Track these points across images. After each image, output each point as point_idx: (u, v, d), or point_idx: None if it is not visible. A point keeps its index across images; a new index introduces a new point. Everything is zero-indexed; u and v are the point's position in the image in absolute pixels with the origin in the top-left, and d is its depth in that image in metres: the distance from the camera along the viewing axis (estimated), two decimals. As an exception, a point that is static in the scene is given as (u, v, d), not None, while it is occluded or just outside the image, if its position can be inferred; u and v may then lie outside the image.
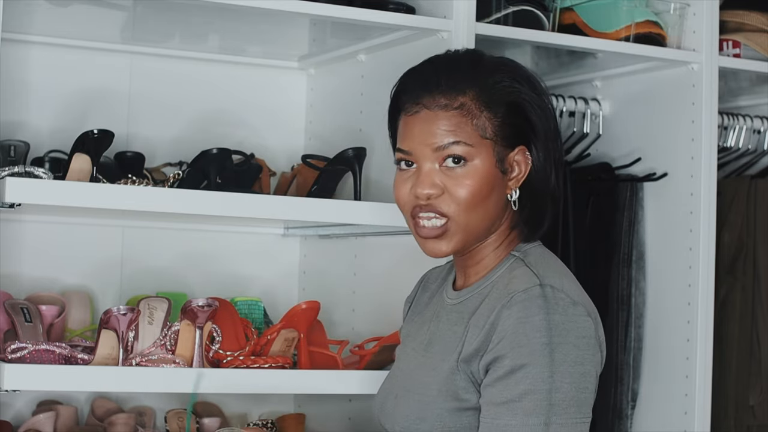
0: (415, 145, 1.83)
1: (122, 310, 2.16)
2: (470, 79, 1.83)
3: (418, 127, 1.83)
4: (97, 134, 2.22)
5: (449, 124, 1.81)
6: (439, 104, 1.82)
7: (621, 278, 2.83)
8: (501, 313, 1.75)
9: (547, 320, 1.72)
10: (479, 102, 1.81)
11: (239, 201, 2.26)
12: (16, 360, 2.12)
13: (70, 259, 2.71)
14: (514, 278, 1.79)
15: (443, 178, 1.81)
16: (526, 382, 1.70)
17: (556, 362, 1.70)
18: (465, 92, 1.82)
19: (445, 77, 1.84)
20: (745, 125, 3.00)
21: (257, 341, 2.33)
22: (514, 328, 1.72)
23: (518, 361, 1.71)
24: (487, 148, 1.81)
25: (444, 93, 1.82)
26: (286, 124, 2.95)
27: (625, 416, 2.81)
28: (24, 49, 2.67)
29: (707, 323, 2.68)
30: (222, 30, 2.77)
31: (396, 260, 2.56)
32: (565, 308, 1.74)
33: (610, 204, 2.86)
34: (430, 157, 1.82)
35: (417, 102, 1.84)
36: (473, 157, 1.80)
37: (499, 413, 1.72)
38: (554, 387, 1.70)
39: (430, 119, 1.82)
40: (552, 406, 1.70)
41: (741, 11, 2.91)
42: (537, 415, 1.69)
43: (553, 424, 1.70)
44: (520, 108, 1.83)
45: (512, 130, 1.82)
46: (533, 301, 1.73)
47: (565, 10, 2.74)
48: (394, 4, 2.44)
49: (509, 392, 1.71)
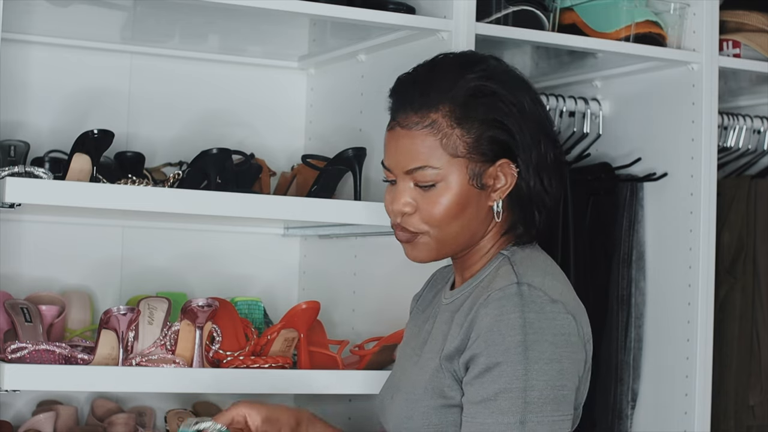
0: (392, 163, 1.85)
1: (122, 310, 2.16)
2: (444, 93, 1.80)
3: (393, 145, 1.85)
4: (97, 134, 2.22)
5: (420, 144, 1.80)
6: (410, 122, 1.82)
7: (621, 278, 2.83)
8: (479, 311, 1.75)
9: (523, 318, 1.71)
10: (451, 118, 1.79)
11: (239, 201, 2.26)
12: (16, 360, 2.12)
13: (70, 259, 2.71)
14: (497, 277, 1.80)
15: (416, 196, 1.83)
16: (501, 380, 1.70)
17: (530, 360, 1.70)
18: (437, 108, 1.80)
19: (420, 93, 1.83)
20: (745, 125, 3.00)
21: (257, 341, 2.33)
22: (489, 327, 1.73)
23: (493, 359, 1.71)
24: (458, 166, 1.80)
25: (416, 110, 1.81)
26: (286, 124, 2.95)
27: (625, 416, 2.81)
28: (24, 49, 2.67)
29: (707, 323, 2.68)
30: (222, 30, 2.77)
31: (396, 260, 2.55)
32: (541, 306, 1.73)
33: (610, 204, 2.86)
34: (403, 177, 1.84)
35: (394, 118, 1.86)
36: (443, 177, 1.80)
37: (476, 412, 1.72)
38: (529, 385, 1.70)
39: (402, 138, 1.83)
40: (527, 404, 1.69)
41: (741, 11, 2.91)
42: (512, 414, 1.69)
43: (529, 422, 1.69)
44: (495, 122, 1.80)
45: (490, 145, 1.80)
46: (509, 299, 1.73)
47: (565, 10, 2.74)
48: (394, 4, 2.44)
49: (485, 391, 1.71)
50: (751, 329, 2.91)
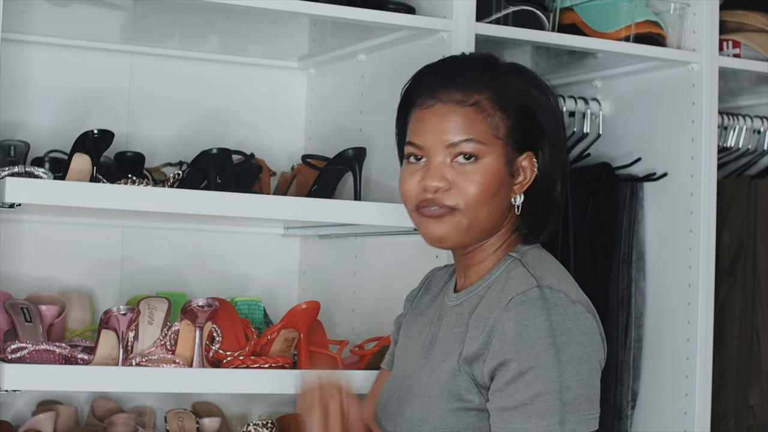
0: (427, 139, 1.83)
1: (122, 310, 2.16)
2: (485, 78, 1.84)
3: (433, 121, 1.83)
4: (97, 134, 2.22)
5: (464, 120, 1.81)
6: (454, 99, 1.82)
7: (621, 278, 2.83)
8: (500, 316, 1.75)
9: (549, 321, 1.72)
10: (493, 102, 1.82)
11: (239, 201, 2.26)
12: (16, 360, 2.12)
13: (70, 259, 2.71)
14: (512, 279, 1.80)
15: (453, 173, 1.81)
16: (537, 384, 1.70)
17: (563, 361, 1.71)
18: (480, 91, 1.82)
19: (461, 74, 1.84)
20: (745, 125, 3.00)
21: (257, 341, 2.33)
22: (516, 332, 1.72)
23: (525, 363, 1.71)
24: (498, 147, 1.82)
25: (460, 89, 1.82)
26: (286, 124, 2.95)
27: (625, 416, 2.81)
28: (24, 49, 2.67)
29: (707, 323, 2.68)
30: (222, 30, 2.77)
31: (396, 260, 2.56)
32: (564, 308, 1.74)
33: (610, 204, 2.86)
34: (442, 151, 1.82)
35: (432, 96, 1.84)
36: (484, 155, 1.81)
37: (512, 418, 1.72)
38: (564, 386, 1.71)
39: (445, 113, 1.82)
40: (564, 405, 1.70)
41: (741, 11, 2.91)
42: (551, 416, 1.70)
43: (568, 423, 1.70)
44: (532, 112, 1.84)
45: (522, 134, 1.83)
46: (533, 303, 1.74)
47: (565, 10, 2.74)
48: (394, 4, 2.44)
49: (520, 396, 1.71)
50: (751, 329, 2.91)
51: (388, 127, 2.57)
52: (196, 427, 2.57)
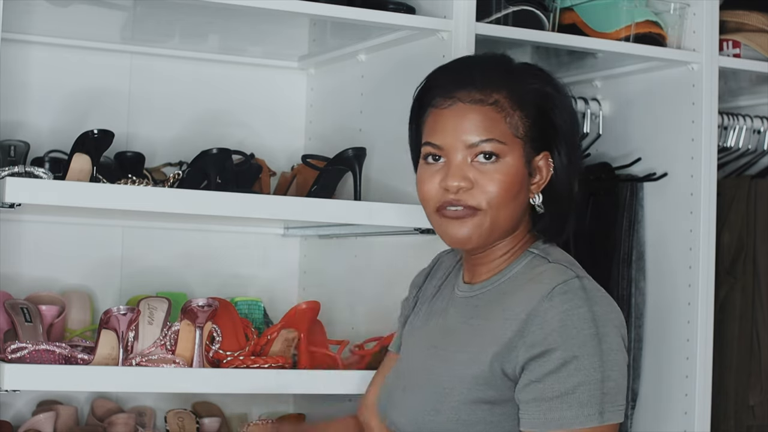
0: (447, 140, 1.82)
1: (122, 310, 2.16)
2: (502, 78, 1.84)
3: (452, 121, 1.82)
4: (97, 134, 2.22)
5: (483, 119, 1.81)
6: (473, 99, 1.81)
7: (621, 278, 2.83)
8: (540, 305, 1.75)
9: (591, 311, 1.74)
10: (512, 101, 1.82)
11: (239, 201, 2.26)
12: (16, 360, 2.12)
13: (70, 259, 2.71)
14: (545, 272, 1.80)
15: (474, 173, 1.81)
16: (580, 374, 1.71)
17: (604, 352, 1.72)
18: (498, 90, 1.82)
19: (479, 74, 1.84)
20: (745, 125, 3.00)
21: (257, 341, 2.33)
22: (560, 321, 1.73)
23: (570, 353, 1.72)
24: (518, 147, 1.82)
25: (478, 89, 1.82)
26: (286, 124, 2.95)
27: (625, 416, 2.81)
28: (24, 49, 2.67)
29: (707, 323, 2.68)
30: (222, 30, 2.77)
31: (396, 260, 2.55)
32: (602, 299, 1.77)
33: (610, 204, 2.86)
34: (462, 151, 1.81)
35: (450, 96, 1.83)
36: (505, 155, 1.81)
37: (552, 407, 1.72)
38: (605, 376, 1.72)
39: (464, 113, 1.82)
40: (604, 395, 1.72)
41: (741, 11, 2.91)
42: (592, 405, 1.71)
43: (607, 412, 1.72)
44: (549, 111, 1.85)
45: (540, 133, 1.84)
46: (575, 293, 1.75)
47: (565, 10, 2.74)
48: (394, 4, 2.44)
49: (562, 385, 1.71)
50: (751, 329, 2.91)
51: (388, 127, 2.58)
52: (196, 427, 2.57)
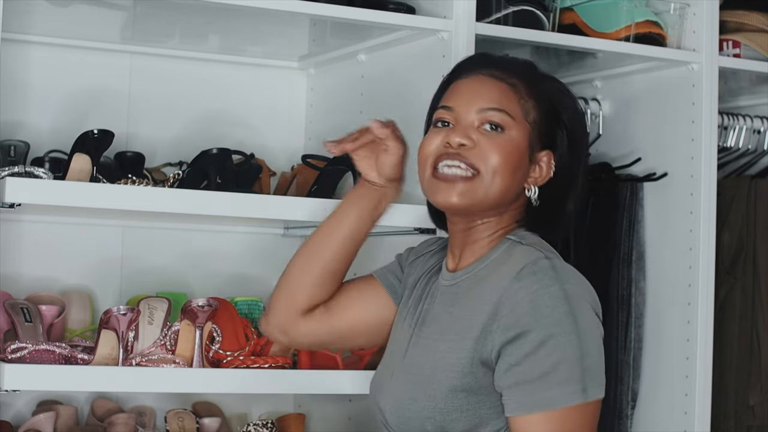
0: (460, 102, 1.87)
1: (122, 310, 2.16)
2: (524, 71, 1.90)
3: (468, 88, 1.88)
4: (97, 134, 2.22)
5: (499, 92, 1.86)
6: (494, 75, 1.88)
7: (621, 278, 2.83)
8: (510, 286, 1.75)
9: (563, 290, 1.74)
10: (528, 90, 1.87)
11: (239, 201, 2.26)
12: (16, 360, 2.12)
13: (70, 259, 2.71)
14: (515, 254, 1.81)
15: (479, 136, 1.84)
16: (558, 352, 1.71)
17: (581, 329, 1.73)
18: (519, 78, 1.88)
19: (504, 61, 1.92)
20: (745, 125, 3.00)
21: (257, 341, 2.33)
22: (531, 302, 1.73)
23: (545, 332, 1.71)
24: (525, 129, 1.86)
25: (501, 69, 1.89)
26: (286, 124, 2.95)
27: (625, 416, 2.81)
28: (24, 49, 2.67)
29: (707, 323, 2.68)
30: (222, 30, 2.77)
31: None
32: (573, 277, 1.77)
33: (610, 204, 2.86)
34: (471, 115, 1.85)
35: (476, 70, 1.90)
36: (511, 129, 1.84)
37: (535, 389, 1.71)
38: (584, 353, 1.72)
39: (482, 83, 1.87)
40: (585, 372, 1.72)
41: (741, 11, 2.91)
42: (573, 383, 1.71)
43: (589, 389, 1.72)
44: (560, 112, 1.89)
45: (548, 128, 1.87)
46: (545, 272, 1.75)
47: (565, 10, 2.74)
48: (394, 4, 2.44)
49: (541, 366, 1.71)
50: (751, 329, 2.91)
51: (388, 127, 2.57)
52: (196, 427, 2.57)
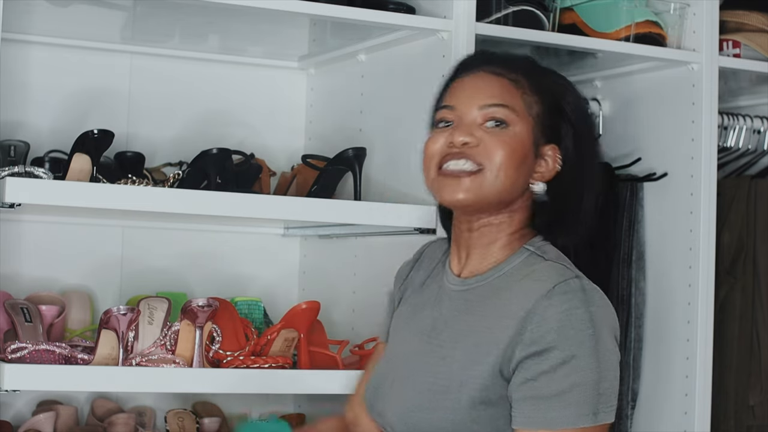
0: (461, 100, 1.86)
1: (122, 310, 2.16)
2: (526, 66, 1.89)
3: (470, 84, 1.87)
4: (97, 134, 2.22)
5: (501, 88, 1.85)
6: (495, 71, 1.87)
7: (621, 278, 2.83)
8: (540, 303, 1.75)
9: (589, 312, 1.74)
10: (531, 85, 1.86)
11: (239, 201, 2.26)
12: (16, 360, 2.12)
13: (70, 259, 2.71)
14: (543, 271, 1.80)
15: (482, 134, 1.83)
16: (577, 374, 1.71)
17: (601, 353, 1.73)
18: (520, 73, 1.87)
19: (505, 57, 1.91)
20: (745, 125, 3.00)
21: (257, 341, 2.33)
22: (560, 321, 1.73)
23: (568, 352, 1.72)
24: (528, 124, 1.85)
25: (503, 65, 1.88)
26: (286, 124, 2.95)
27: (625, 416, 2.81)
28: (24, 49, 2.67)
29: (707, 323, 2.68)
30: (222, 30, 2.77)
31: (396, 260, 2.55)
32: (599, 300, 1.77)
33: (610, 204, 2.86)
34: (473, 113, 1.84)
35: (477, 67, 1.89)
36: (515, 124, 1.84)
37: (550, 406, 1.71)
38: (601, 377, 1.72)
39: (484, 79, 1.87)
40: (600, 396, 1.72)
41: (741, 11, 2.90)
42: (587, 405, 1.71)
43: (600, 413, 1.72)
44: (563, 106, 1.87)
45: (552, 121, 1.86)
46: (575, 293, 1.75)
47: (565, 10, 2.74)
48: (394, 4, 2.44)
49: (558, 384, 1.71)
50: (751, 329, 2.91)
51: (388, 127, 2.58)
52: (196, 427, 2.57)
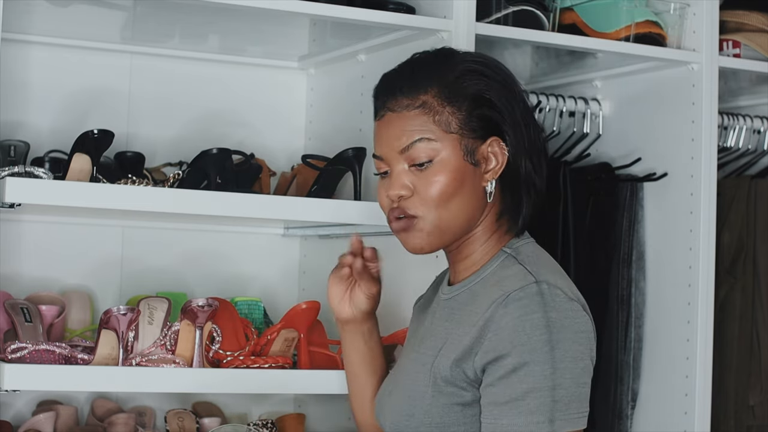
0: (384, 150, 1.86)
1: (122, 310, 2.16)
2: (432, 77, 1.85)
3: (385, 131, 1.86)
4: (97, 134, 2.22)
5: (412, 123, 1.83)
6: (401, 105, 1.84)
7: (621, 278, 2.83)
8: (496, 311, 1.75)
9: (546, 318, 1.72)
10: (441, 98, 1.83)
11: (239, 201, 2.26)
12: (16, 360, 2.12)
13: (70, 259, 2.71)
14: (508, 277, 1.80)
15: (413, 179, 1.84)
16: (529, 380, 1.70)
17: (557, 359, 1.71)
18: (426, 90, 1.84)
19: (407, 79, 1.86)
20: (745, 125, 3.00)
21: (257, 341, 2.33)
22: (513, 327, 1.72)
23: (520, 359, 1.71)
24: (452, 142, 1.82)
25: (406, 94, 1.84)
26: (286, 124, 2.95)
27: (625, 416, 2.81)
28: (24, 49, 2.67)
29: (707, 323, 2.68)
30: (222, 30, 2.77)
31: (396, 260, 2.55)
32: (561, 304, 1.75)
33: (610, 204, 2.86)
34: (398, 159, 1.84)
35: (383, 106, 1.87)
36: (438, 152, 1.82)
37: (502, 413, 1.72)
38: (556, 383, 1.70)
39: (394, 121, 1.85)
40: (555, 403, 1.70)
41: (741, 11, 2.91)
42: (541, 413, 1.70)
43: (557, 421, 1.70)
44: (484, 99, 1.83)
45: (481, 122, 1.83)
46: (531, 299, 1.74)
47: (565, 10, 2.74)
48: (394, 4, 2.44)
49: (512, 391, 1.71)
50: (751, 329, 2.91)
51: (388, 127, 2.57)
52: (196, 427, 2.57)
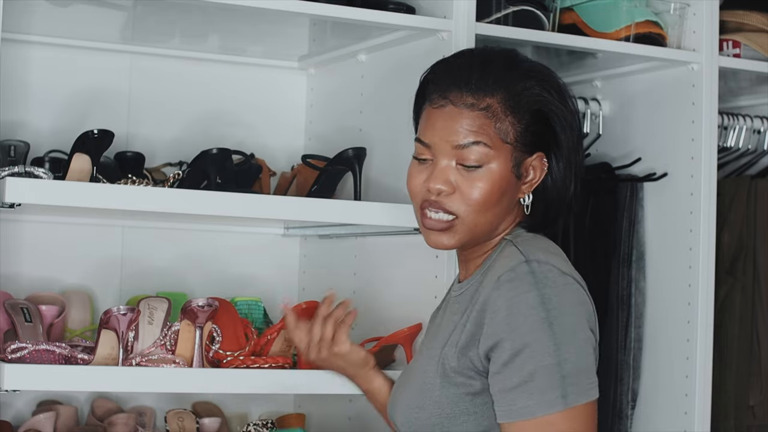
0: (435, 140, 1.84)
1: (122, 310, 2.16)
2: (500, 81, 1.84)
3: (441, 122, 1.84)
4: (97, 134, 2.22)
5: (472, 123, 1.82)
6: (465, 102, 1.82)
7: (621, 278, 2.83)
8: (490, 295, 1.75)
9: (540, 295, 1.72)
10: (505, 106, 1.82)
11: (239, 201, 2.26)
12: (16, 360, 2.12)
13: (70, 259, 2.71)
14: (502, 259, 1.81)
15: (457, 177, 1.82)
16: (534, 361, 1.70)
17: (557, 334, 1.71)
18: (493, 94, 1.82)
19: (477, 76, 1.84)
20: (745, 125, 3.00)
21: (257, 341, 2.33)
22: (507, 310, 1.73)
23: (519, 341, 1.71)
24: (505, 152, 1.82)
25: (472, 92, 1.83)
26: (286, 124, 2.95)
27: (625, 416, 2.81)
28: (24, 49, 2.67)
29: (707, 323, 2.68)
30: (222, 30, 2.77)
31: (396, 260, 2.55)
32: (554, 280, 1.75)
33: (610, 204, 2.86)
34: (448, 153, 1.83)
35: (444, 96, 1.84)
36: (490, 160, 1.82)
37: (515, 398, 1.71)
38: (562, 359, 1.70)
39: (455, 116, 1.83)
40: (564, 378, 1.70)
41: (741, 11, 2.91)
42: (553, 390, 1.70)
43: (570, 395, 1.70)
44: (545, 117, 1.84)
45: (534, 137, 1.84)
46: (522, 278, 1.74)
47: (565, 10, 2.74)
48: (394, 4, 2.44)
49: (519, 374, 1.71)
50: (751, 329, 2.91)
51: (388, 127, 2.58)
52: (196, 427, 2.57)
